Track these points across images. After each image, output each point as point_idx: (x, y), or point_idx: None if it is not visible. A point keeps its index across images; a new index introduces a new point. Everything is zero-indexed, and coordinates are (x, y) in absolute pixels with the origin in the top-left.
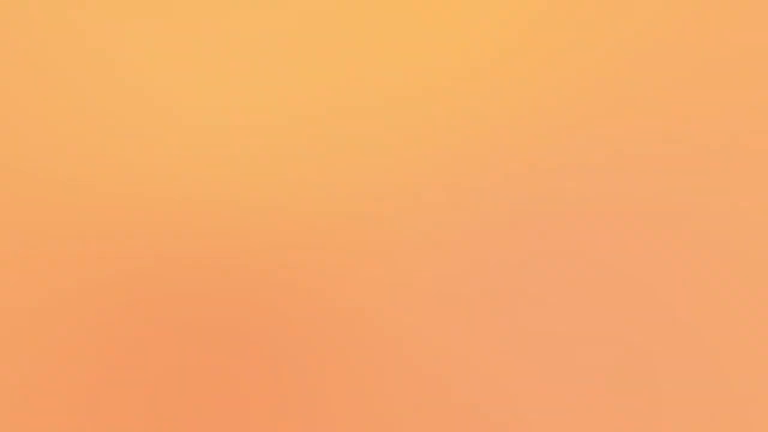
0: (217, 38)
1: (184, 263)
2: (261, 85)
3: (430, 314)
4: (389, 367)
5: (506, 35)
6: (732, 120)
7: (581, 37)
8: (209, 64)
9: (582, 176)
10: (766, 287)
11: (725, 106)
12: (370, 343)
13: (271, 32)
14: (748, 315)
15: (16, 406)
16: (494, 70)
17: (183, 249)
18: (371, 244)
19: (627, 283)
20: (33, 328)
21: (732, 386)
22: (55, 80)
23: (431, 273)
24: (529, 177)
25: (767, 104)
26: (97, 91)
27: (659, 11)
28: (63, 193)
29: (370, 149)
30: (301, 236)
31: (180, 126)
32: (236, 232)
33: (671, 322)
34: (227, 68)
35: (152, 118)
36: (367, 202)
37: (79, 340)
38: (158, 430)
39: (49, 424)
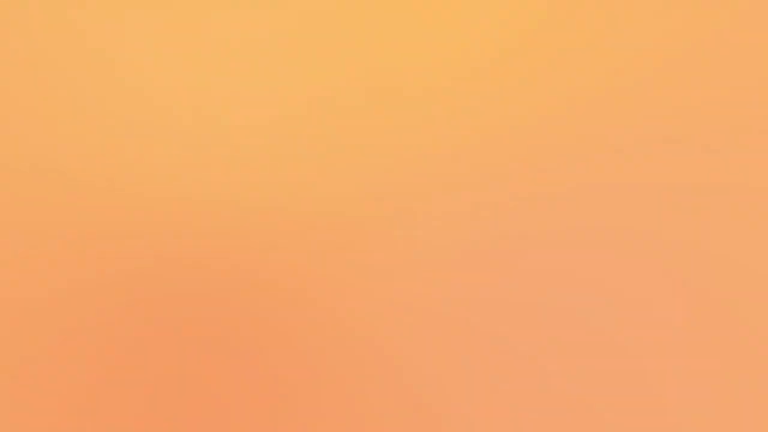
0: (217, 38)
1: (184, 263)
2: (261, 85)
3: (431, 313)
4: (389, 365)
5: (506, 35)
6: (734, 120)
7: (582, 38)
8: (209, 64)
9: (583, 177)
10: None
11: (727, 105)
12: (369, 340)
13: (271, 32)
14: (751, 319)
15: (16, 405)
16: (494, 70)
17: (182, 249)
18: (371, 245)
19: (627, 285)
20: (33, 328)
21: (730, 387)
22: (55, 80)
23: (432, 273)
24: (529, 178)
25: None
26: (97, 90)
27: (659, 11)
28: (63, 192)
29: (370, 150)
30: (301, 237)
31: (180, 126)
32: (236, 232)
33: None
34: (227, 68)
35: (152, 118)
36: (367, 203)
37: (79, 340)
38: (158, 429)
39: (49, 424)
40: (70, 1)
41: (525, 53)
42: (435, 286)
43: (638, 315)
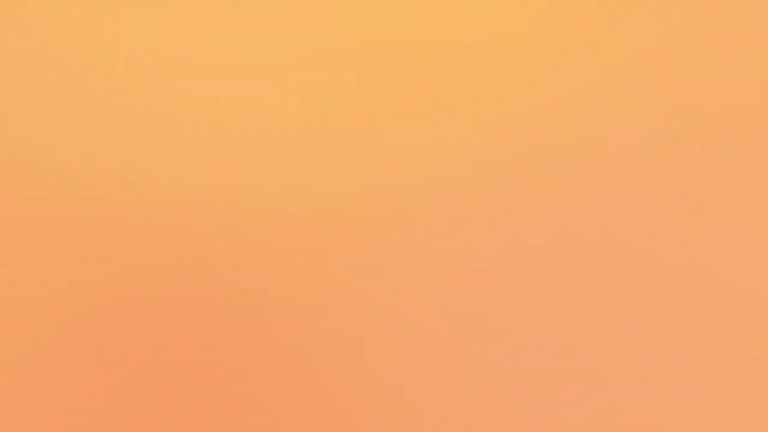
0: (217, 38)
1: (184, 263)
2: (261, 85)
3: (430, 313)
4: (388, 365)
5: (506, 35)
6: (734, 120)
7: (582, 37)
8: (209, 65)
9: (583, 177)
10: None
11: (728, 105)
12: (368, 340)
13: (272, 32)
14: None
15: (16, 405)
16: (494, 71)
17: (183, 249)
18: (371, 245)
19: (627, 286)
20: (32, 328)
21: (735, 387)
22: (55, 79)
23: (432, 274)
24: (530, 178)
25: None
26: (97, 90)
27: (659, 11)
28: (63, 192)
29: (370, 150)
30: (301, 237)
31: (180, 126)
32: (236, 232)
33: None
34: (227, 68)
35: (152, 118)
36: (367, 203)
37: (79, 340)
38: (158, 429)
39: (49, 423)
40: (70, 1)
41: (525, 53)
42: (435, 286)
43: (638, 314)
